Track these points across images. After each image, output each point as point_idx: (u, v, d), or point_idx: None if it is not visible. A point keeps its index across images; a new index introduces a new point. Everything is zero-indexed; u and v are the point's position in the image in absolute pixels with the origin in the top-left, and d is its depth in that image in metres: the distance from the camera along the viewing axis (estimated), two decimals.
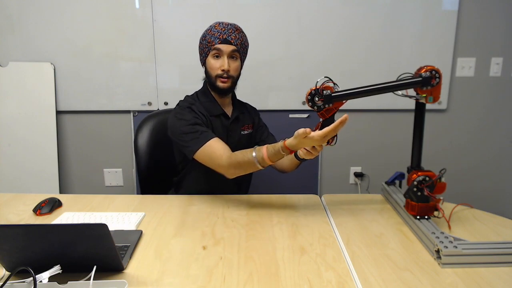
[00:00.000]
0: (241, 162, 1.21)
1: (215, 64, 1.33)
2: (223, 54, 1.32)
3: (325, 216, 1.25)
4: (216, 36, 1.31)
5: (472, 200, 1.39)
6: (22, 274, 0.83)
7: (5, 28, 2.16)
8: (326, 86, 1.11)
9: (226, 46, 1.31)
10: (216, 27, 1.33)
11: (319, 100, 1.11)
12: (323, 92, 1.11)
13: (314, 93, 1.11)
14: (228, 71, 1.33)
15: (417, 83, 1.11)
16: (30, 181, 2.26)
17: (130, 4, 2.16)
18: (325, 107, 1.12)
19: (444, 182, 1.13)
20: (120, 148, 2.37)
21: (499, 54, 2.32)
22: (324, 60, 2.27)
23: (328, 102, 1.12)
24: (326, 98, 1.11)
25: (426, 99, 1.13)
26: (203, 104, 1.40)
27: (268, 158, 1.17)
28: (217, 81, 1.35)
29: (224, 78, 1.34)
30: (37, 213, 1.23)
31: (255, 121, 1.53)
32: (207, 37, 1.34)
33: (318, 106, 1.12)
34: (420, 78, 1.11)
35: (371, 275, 0.91)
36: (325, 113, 1.14)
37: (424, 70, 1.11)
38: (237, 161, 1.22)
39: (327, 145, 1.13)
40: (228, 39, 1.32)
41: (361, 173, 2.48)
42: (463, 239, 1.04)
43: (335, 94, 1.11)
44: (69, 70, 2.22)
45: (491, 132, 2.45)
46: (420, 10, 2.23)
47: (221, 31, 1.32)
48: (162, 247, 1.04)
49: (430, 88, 1.11)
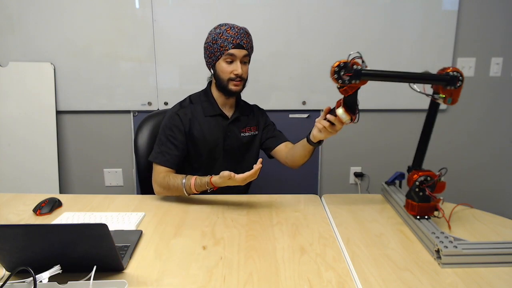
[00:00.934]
0: (170, 185, 1.32)
1: (227, 69, 1.34)
2: (236, 59, 1.34)
3: (325, 216, 1.25)
4: (230, 41, 1.32)
5: (472, 200, 1.39)
6: (22, 274, 0.83)
7: (5, 28, 2.16)
8: (355, 61, 1.05)
9: (239, 51, 1.33)
10: (228, 31, 1.33)
11: (346, 74, 1.06)
12: (353, 67, 1.05)
13: (343, 65, 1.05)
14: (241, 75, 1.35)
15: (443, 80, 1.09)
16: (30, 181, 2.26)
17: (130, 4, 2.16)
18: (351, 83, 1.06)
19: (444, 181, 1.13)
20: (120, 148, 2.37)
21: (499, 54, 2.32)
22: (324, 60, 2.27)
23: (356, 78, 1.05)
24: (355, 73, 1.05)
25: (445, 100, 1.11)
26: (202, 104, 1.43)
27: (194, 187, 1.28)
28: (229, 85, 1.36)
29: (237, 81, 1.36)
30: (37, 213, 1.23)
31: (261, 123, 1.53)
32: (218, 41, 1.33)
33: (343, 80, 1.06)
34: (447, 76, 1.09)
35: (371, 275, 0.91)
36: (349, 89, 1.08)
37: (451, 70, 1.10)
38: (167, 183, 1.32)
39: (351, 122, 1.13)
40: (241, 44, 1.33)
41: (361, 173, 2.48)
42: (463, 239, 1.04)
43: (365, 71, 1.05)
44: (69, 70, 2.22)
45: (491, 132, 2.45)
46: (420, 10, 2.23)
47: (234, 36, 1.32)
48: (162, 247, 1.04)
49: (451, 89, 1.10)
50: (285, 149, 1.47)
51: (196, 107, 1.43)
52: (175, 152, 1.38)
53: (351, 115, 1.12)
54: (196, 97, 1.47)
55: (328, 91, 2.31)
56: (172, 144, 1.39)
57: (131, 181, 2.42)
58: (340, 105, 1.13)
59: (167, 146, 1.38)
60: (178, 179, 1.30)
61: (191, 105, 1.44)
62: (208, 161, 1.45)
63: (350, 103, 1.11)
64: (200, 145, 1.42)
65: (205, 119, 1.42)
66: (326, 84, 2.30)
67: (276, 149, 1.49)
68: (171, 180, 1.31)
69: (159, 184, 1.34)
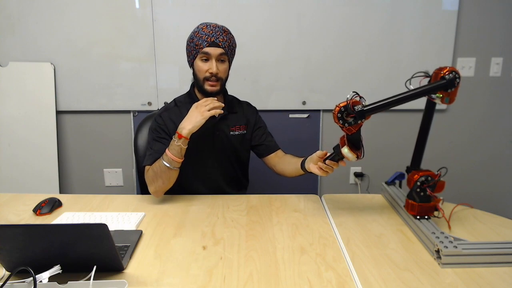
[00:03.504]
0: (155, 171, 1.30)
1: (203, 67, 1.33)
2: (211, 57, 1.32)
3: (325, 216, 1.25)
4: (204, 39, 1.30)
5: (472, 200, 1.38)
6: (22, 274, 0.83)
7: (5, 28, 2.16)
8: (354, 101, 1.05)
9: (214, 49, 1.31)
10: (203, 29, 1.32)
11: (350, 116, 1.06)
12: (354, 108, 1.04)
13: (344, 109, 1.05)
14: (216, 74, 1.33)
15: (442, 86, 1.09)
16: (30, 181, 2.26)
17: (130, 4, 2.16)
18: (357, 123, 1.06)
19: (443, 181, 1.13)
20: (120, 148, 2.37)
21: (499, 54, 2.32)
22: (324, 60, 2.27)
23: (360, 118, 1.05)
24: (358, 114, 1.04)
25: (443, 100, 1.10)
26: (186, 105, 1.39)
27: (170, 152, 1.26)
28: (205, 84, 1.35)
29: (213, 81, 1.34)
30: (37, 213, 1.23)
31: (251, 121, 1.51)
32: (194, 39, 1.33)
33: (349, 122, 1.06)
34: (444, 81, 1.09)
35: (371, 275, 0.91)
36: (352, 128, 1.07)
37: (446, 71, 1.09)
38: (153, 171, 1.30)
39: (358, 159, 1.13)
40: (216, 42, 1.31)
41: (361, 173, 2.48)
42: (463, 239, 1.04)
43: (368, 107, 1.05)
44: (69, 70, 2.22)
45: (491, 132, 2.45)
46: (420, 10, 2.23)
47: (208, 33, 1.31)
48: (162, 247, 1.04)
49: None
50: (275, 158, 1.49)
51: (181, 109, 1.40)
52: (163, 150, 1.35)
53: (356, 152, 1.12)
54: (181, 99, 1.46)
55: (328, 91, 2.31)
56: (159, 143, 1.37)
57: (131, 181, 2.42)
58: (344, 144, 1.12)
59: (156, 146, 1.37)
60: (158, 161, 1.30)
61: (176, 107, 1.43)
62: (198, 161, 1.42)
63: (354, 140, 1.12)
64: (188, 146, 1.36)
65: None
66: (326, 84, 2.31)
67: (266, 157, 1.51)
68: (154, 166, 1.31)
69: (150, 181, 1.32)
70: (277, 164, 1.47)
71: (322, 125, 2.37)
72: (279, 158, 1.48)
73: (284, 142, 1.62)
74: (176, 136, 1.26)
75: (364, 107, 1.05)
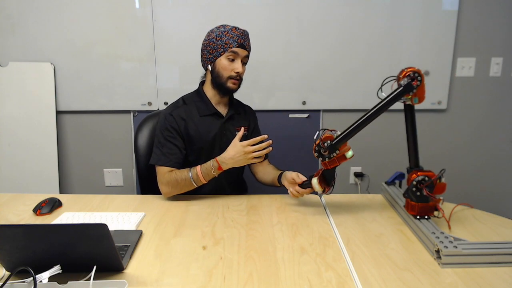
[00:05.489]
0: (178, 180, 1.33)
1: (229, 66, 1.37)
2: (238, 58, 1.37)
3: (325, 216, 1.25)
4: (235, 40, 1.35)
5: (472, 200, 1.38)
6: (22, 274, 0.83)
7: (5, 28, 2.16)
8: (326, 137, 1.14)
9: (242, 51, 1.37)
10: (233, 30, 1.36)
11: (325, 152, 1.15)
12: (324, 145, 1.14)
13: (318, 148, 1.15)
14: (241, 74, 1.39)
15: (401, 94, 1.12)
16: (30, 181, 2.26)
17: (130, 4, 2.16)
18: (334, 156, 1.15)
19: (444, 183, 1.13)
20: (120, 148, 2.37)
21: (499, 54, 2.32)
22: (324, 60, 2.27)
23: (332, 151, 1.15)
24: (329, 148, 1.14)
25: (412, 101, 1.14)
26: (196, 104, 1.44)
27: (201, 174, 1.32)
28: (227, 82, 1.39)
29: (236, 80, 1.39)
30: (37, 213, 1.23)
31: (251, 125, 1.55)
32: (223, 38, 1.35)
33: (325, 157, 1.16)
34: (401, 87, 1.11)
35: (371, 275, 0.91)
36: (328, 164, 1.17)
37: (404, 74, 1.12)
38: (175, 179, 1.33)
39: (323, 193, 1.23)
40: (244, 44, 1.38)
41: (361, 173, 2.48)
42: (463, 239, 1.04)
43: (336, 139, 1.14)
44: (69, 70, 2.22)
45: (491, 132, 2.45)
46: (420, 10, 2.23)
47: (239, 35, 1.36)
48: (162, 247, 1.04)
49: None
50: (259, 165, 1.54)
51: (190, 108, 1.44)
52: (176, 152, 1.39)
53: (324, 186, 1.21)
54: (189, 97, 1.48)
55: (328, 91, 2.31)
56: (172, 144, 1.39)
57: (131, 181, 2.42)
58: (317, 175, 1.21)
59: (168, 147, 1.39)
60: (184, 172, 1.33)
61: (185, 105, 1.45)
62: (206, 160, 1.44)
63: (327, 176, 1.21)
64: (197, 145, 1.43)
65: (201, 119, 1.43)
66: (326, 84, 2.30)
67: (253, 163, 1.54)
68: (178, 175, 1.34)
69: (166, 184, 1.34)
70: (259, 172, 1.54)
71: (322, 125, 2.37)
72: (263, 167, 1.54)
73: (284, 142, 1.62)
74: (216, 167, 1.32)
75: (333, 141, 1.13)
